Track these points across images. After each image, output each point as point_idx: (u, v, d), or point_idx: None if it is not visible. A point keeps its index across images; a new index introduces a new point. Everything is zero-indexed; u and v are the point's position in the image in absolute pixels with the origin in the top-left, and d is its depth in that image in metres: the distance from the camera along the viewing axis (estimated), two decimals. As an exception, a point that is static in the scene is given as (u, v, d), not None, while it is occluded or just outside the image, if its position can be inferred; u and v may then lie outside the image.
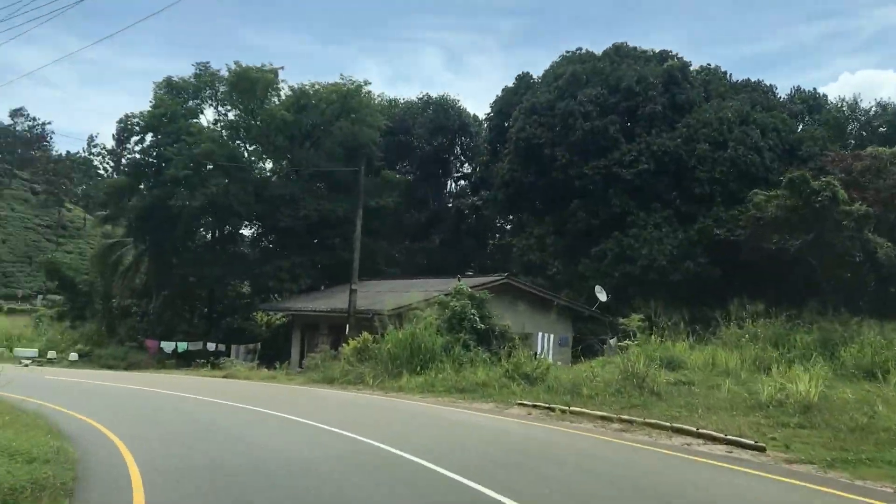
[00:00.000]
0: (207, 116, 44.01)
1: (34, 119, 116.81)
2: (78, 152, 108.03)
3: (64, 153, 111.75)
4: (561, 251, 40.52)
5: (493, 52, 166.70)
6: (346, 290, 37.56)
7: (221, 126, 43.79)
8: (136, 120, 41.14)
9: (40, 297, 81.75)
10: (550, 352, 29.28)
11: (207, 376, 29.93)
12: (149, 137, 41.41)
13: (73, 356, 36.91)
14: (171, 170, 38.56)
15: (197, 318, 44.11)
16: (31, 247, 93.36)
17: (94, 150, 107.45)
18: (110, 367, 35.55)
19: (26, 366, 34.90)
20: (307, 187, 43.28)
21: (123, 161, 42.54)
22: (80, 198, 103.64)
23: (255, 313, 46.78)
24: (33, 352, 38.31)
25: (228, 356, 37.45)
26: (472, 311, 26.60)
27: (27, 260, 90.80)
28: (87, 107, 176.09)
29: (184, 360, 37.57)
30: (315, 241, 41.77)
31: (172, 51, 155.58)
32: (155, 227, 41.26)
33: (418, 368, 23.95)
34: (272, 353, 40.24)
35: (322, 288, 41.44)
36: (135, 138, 41.26)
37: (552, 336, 30.37)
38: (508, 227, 47.23)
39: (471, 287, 27.49)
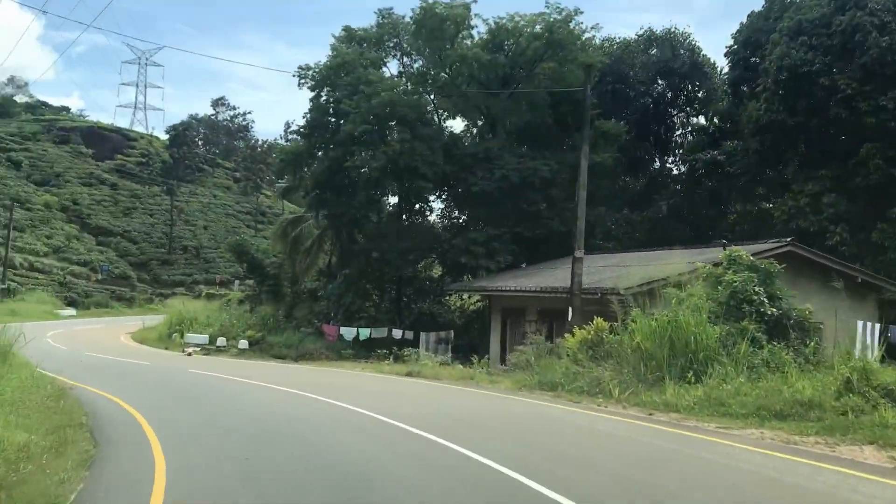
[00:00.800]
0: (391, 70, 37.99)
1: (235, 108, 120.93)
2: (275, 139, 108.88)
3: (261, 140, 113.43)
4: (845, 214, 30.17)
5: None
6: (555, 268, 29.86)
7: (405, 78, 37.45)
8: (311, 72, 35.69)
9: (237, 282, 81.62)
10: (874, 348, 19.51)
11: (389, 372, 23.31)
12: (324, 93, 35.82)
13: (243, 344, 32.13)
14: (348, 125, 32.65)
15: (385, 302, 38.18)
16: (232, 233, 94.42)
17: (290, 137, 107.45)
18: (281, 358, 30.29)
19: (189, 354, 30.47)
20: (505, 144, 35.86)
21: (299, 123, 36.73)
22: (275, 183, 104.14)
23: (446, 296, 40.51)
24: (203, 338, 34.11)
25: (416, 345, 31.13)
26: (757, 288, 17.84)
27: (226, 247, 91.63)
28: (287, 105, 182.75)
29: (364, 350, 31.61)
30: (515, 208, 34.12)
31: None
32: (334, 195, 35.78)
33: (689, 374, 15.60)
34: (466, 342, 33.47)
35: (523, 266, 33.81)
36: (310, 95, 35.87)
37: (877, 326, 20.50)
38: (760, 190, 36.79)
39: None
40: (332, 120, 35.94)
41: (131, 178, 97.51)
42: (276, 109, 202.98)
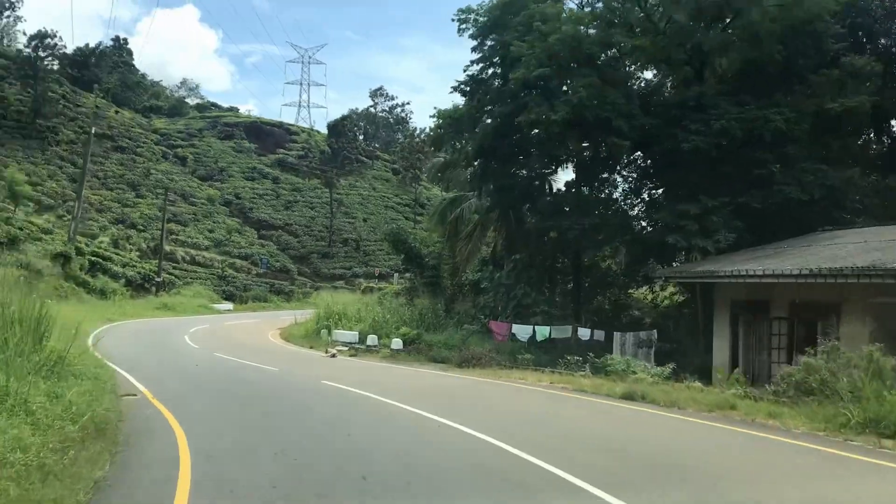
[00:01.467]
0: (571, 5, 30.88)
1: (393, 98, 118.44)
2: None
3: (419, 129, 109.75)
4: None
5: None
6: (808, 245, 21.80)
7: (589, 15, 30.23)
8: (473, 16, 29.38)
9: (396, 275, 77.65)
10: None
11: (593, 391, 16.36)
12: (490, 40, 29.42)
13: (397, 343, 26.35)
14: (520, 71, 26.00)
15: (556, 295, 31.35)
16: (391, 225, 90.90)
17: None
18: (440, 362, 24.18)
19: (333, 356, 25.08)
20: (718, 91, 27.77)
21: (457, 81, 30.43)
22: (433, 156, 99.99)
23: (631, 288, 33.09)
24: (352, 335, 28.83)
25: (608, 349, 24.22)
26: None
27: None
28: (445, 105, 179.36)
29: (544, 353, 24.92)
30: (738, 171, 26.00)
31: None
32: (500, 165, 29.42)
33: None
34: (667, 345, 26.02)
35: (745, 248, 25.60)
36: (472, 44, 29.58)
37: None
38: None
39: None
40: (499, 72, 29.52)
41: (292, 172, 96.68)
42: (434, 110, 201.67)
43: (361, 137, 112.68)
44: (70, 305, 37.23)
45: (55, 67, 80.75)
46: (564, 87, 26.88)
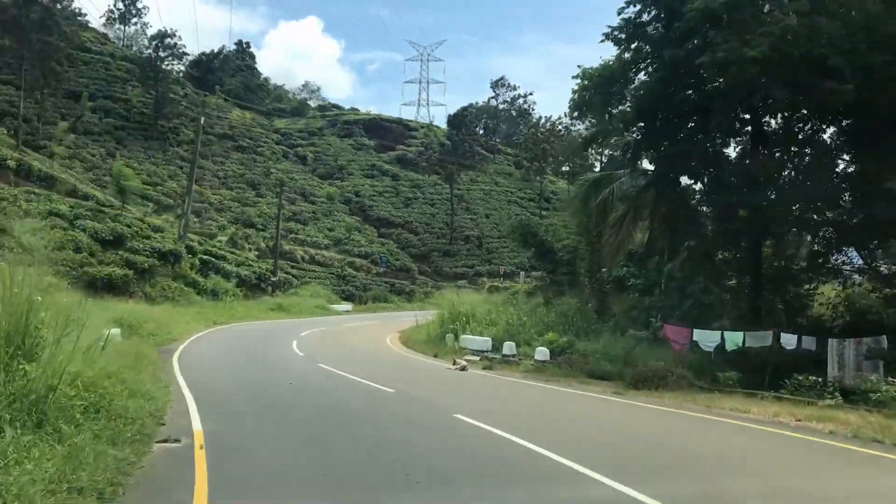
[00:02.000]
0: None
1: (515, 87, 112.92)
2: (559, 117, 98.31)
3: (543, 118, 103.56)
4: None
5: None
6: None
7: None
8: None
9: (522, 273, 72.11)
10: None
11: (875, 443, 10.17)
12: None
13: (541, 353, 20.77)
14: (696, 3, 19.92)
15: (743, 293, 24.89)
16: (518, 217, 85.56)
17: (575, 115, 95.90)
18: (603, 378, 18.50)
19: (463, 368, 19.89)
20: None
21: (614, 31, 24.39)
22: (557, 162, 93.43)
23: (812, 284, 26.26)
24: (484, 342, 23.62)
25: (820, 362, 17.93)
26: None
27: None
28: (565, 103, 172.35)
29: (734, 365, 18.73)
30: None
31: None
32: (665, 128, 23.36)
33: None
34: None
35: None
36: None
37: None
38: None
39: None
40: (663, 16, 23.44)
41: (412, 168, 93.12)
42: (555, 108, 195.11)
43: (481, 132, 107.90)
44: (175, 307, 34.17)
45: (178, 68, 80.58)
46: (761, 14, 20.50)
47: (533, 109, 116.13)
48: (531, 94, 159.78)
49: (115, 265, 34.26)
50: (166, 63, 78.38)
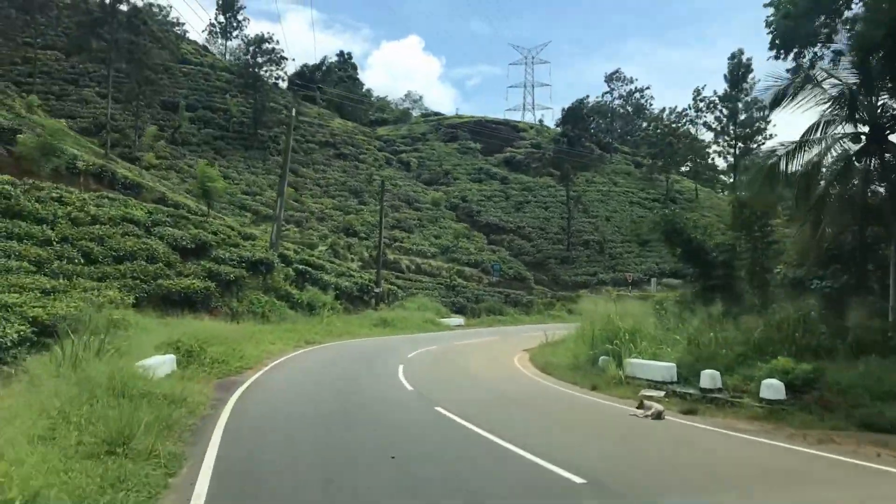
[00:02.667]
0: None
1: (632, 80, 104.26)
2: (684, 110, 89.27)
3: (665, 110, 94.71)
4: None
5: None
6: None
7: None
8: None
9: (653, 280, 64.01)
10: None
11: None
12: None
13: (772, 387, 13.53)
14: None
15: None
16: (638, 224, 77.58)
17: (700, 106, 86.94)
18: (889, 431, 11.33)
19: (657, 416, 12.96)
20: None
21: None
22: (684, 159, 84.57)
23: None
24: (667, 368, 16.61)
25: None
26: None
27: (635, 238, 74.89)
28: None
29: None
30: None
31: None
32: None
33: None
34: None
35: None
36: None
37: None
38: None
39: None
40: None
41: (521, 171, 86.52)
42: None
43: (595, 130, 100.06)
44: (262, 325, 28.90)
45: (277, 73, 77.43)
46: None
47: (651, 104, 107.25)
48: (648, 87, 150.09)
49: (195, 277, 29.35)
50: (265, 69, 75.29)
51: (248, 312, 31.22)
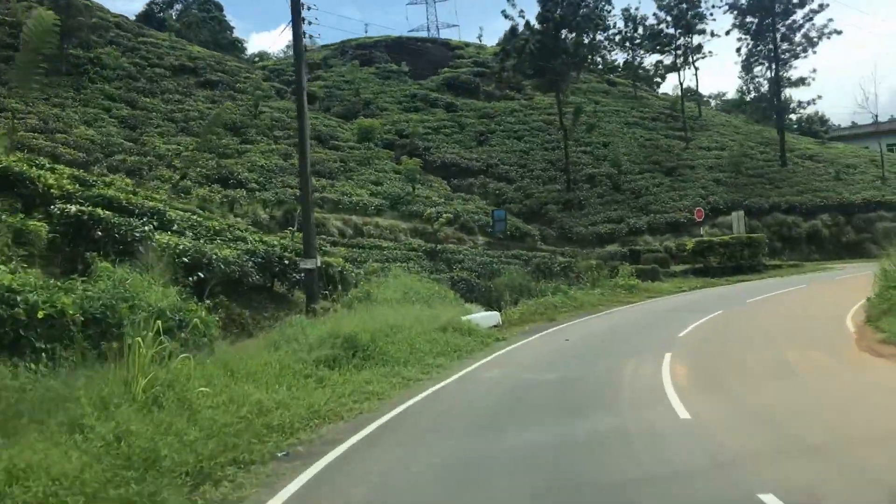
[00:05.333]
0: None
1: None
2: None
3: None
4: None
5: None
6: None
7: None
8: None
9: (736, 214, 40.91)
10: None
11: None
12: None
13: None
14: None
15: None
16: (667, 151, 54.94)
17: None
18: None
19: None
20: None
21: None
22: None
23: None
24: None
25: None
26: None
27: (656, 167, 51.77)
28: None
29: None
30: None
31: None
32: None
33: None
34: None
35: None
36: None
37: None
38: None
39: None
40: None
41: (471, 94, 61.81)
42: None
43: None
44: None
45: None
46: None
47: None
48: None
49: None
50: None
51: None
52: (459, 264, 28.64)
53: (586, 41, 50.21)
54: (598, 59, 68.24)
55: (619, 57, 69.70)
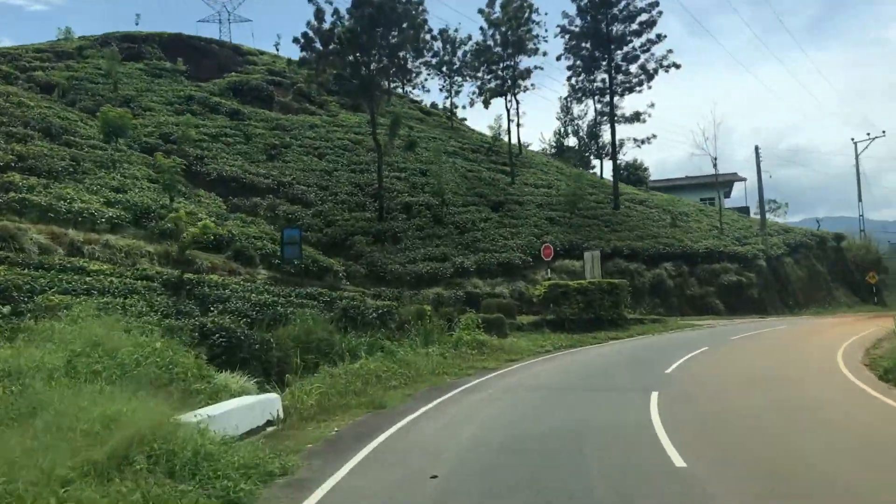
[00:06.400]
0: None
1: None
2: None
3: None
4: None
5: None
6: None
7: None
8: None
9: (590, 255, 33.45)
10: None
11: None
12: None
13: None
14: None
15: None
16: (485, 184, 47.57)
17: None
18: None
19: None
20: None
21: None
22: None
23: None
24: None
25: None
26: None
27: (483, 201, 44.17)
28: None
29: None
30: None
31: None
32: None
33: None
34: None
35: None
36: None
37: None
38: None
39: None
40: None
41: (263, 104, 51.23)
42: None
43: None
44: None
45: None
46: None
47: None
48: None
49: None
50: None
51: None
52: (222, 304, 17.96)
53: (406, 44, 41.51)
54: (411, 88, 60.65)
55: (435, 84, 62.67)
